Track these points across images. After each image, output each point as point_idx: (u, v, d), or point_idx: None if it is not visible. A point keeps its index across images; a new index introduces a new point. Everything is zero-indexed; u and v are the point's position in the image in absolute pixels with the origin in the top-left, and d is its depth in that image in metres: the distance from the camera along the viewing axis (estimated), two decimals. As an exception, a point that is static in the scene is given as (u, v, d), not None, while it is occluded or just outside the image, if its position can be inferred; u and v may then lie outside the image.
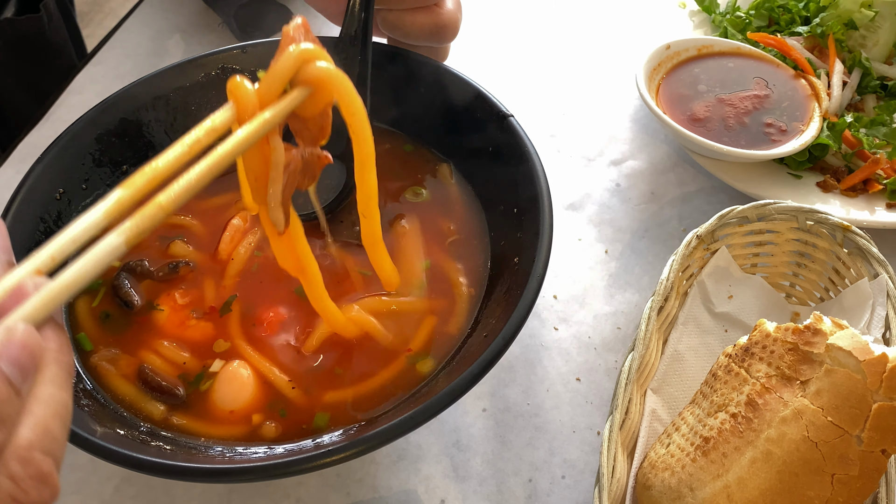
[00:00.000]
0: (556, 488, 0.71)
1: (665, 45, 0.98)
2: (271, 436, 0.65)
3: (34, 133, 1.01)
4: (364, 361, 0.68)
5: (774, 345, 0.60)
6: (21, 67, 1.13)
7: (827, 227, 0.74)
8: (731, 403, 0.60)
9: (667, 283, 0.71)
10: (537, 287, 0.64)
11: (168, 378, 0.67)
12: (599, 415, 0.76)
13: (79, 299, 0.72)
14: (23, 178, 0.73)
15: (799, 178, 0.91)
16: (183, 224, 0.78)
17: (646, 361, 0.68)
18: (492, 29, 1.15)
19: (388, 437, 0.56)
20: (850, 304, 0.72)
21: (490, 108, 0.77)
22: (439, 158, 0.83)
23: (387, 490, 0.71)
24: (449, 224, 0.77)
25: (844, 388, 0.55)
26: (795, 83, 0.95)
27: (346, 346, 0.69)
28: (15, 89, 1.12)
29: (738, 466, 0.57)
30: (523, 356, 0.80)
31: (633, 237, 0.90)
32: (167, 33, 1.15)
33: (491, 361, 0.60)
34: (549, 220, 0.68)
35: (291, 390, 0.67)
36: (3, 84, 1.11)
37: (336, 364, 0.68)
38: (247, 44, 0.85)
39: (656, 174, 0.97)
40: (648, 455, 0.64)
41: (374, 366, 0.68)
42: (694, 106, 0.94)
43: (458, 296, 0.72)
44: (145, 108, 0.81)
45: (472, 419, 0.75)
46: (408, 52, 0.82)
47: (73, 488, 0.70)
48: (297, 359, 0.69)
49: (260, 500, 0.70)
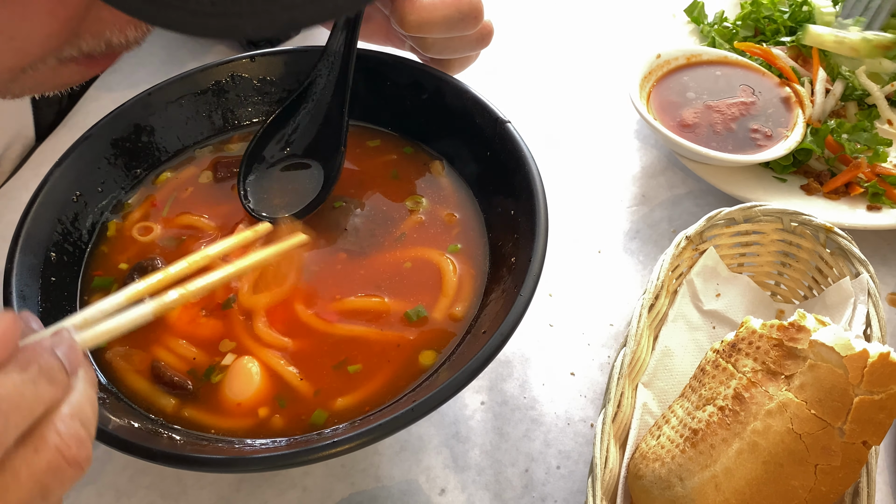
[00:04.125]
0: (552, 478, 0.71)
1: (656, 55, 0.98)
2: (279, 427, 0.64)
3: (52, 138, 1.01)
4: (367, 357, 0.68)
5: (760, 341, 0.60)
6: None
7: (810, 228, 0.74)
8: (718, 397, 0.60)
9: (657, 281, 0.71)
10: (534, 285, 0.64)
11: (179, 373, 0.67)
12: (593, 408, 0.76)
13: (93, 296, 0.72)
14: (41, 181, 0.73)
15: (784, 182, 0.91)
16: (196, 225, 0.78)
17: (637, 357, 0.68)
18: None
19: (391, 428, 0.56)
20: (832, 301, 0.72)
21: (488, 114, 0.77)
22: (438, 160, 0.83)
23: (389, 480, 0.71)
24: (449, 225, 0.77)
25: (827, 383, 0.55)
26: (780, 91, 0.95)
27: (348, 343, 0.69)
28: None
29: (725, 457, 0.57)
30: (520, 352, 0.80)
31: (625, 238, 0.90)
32: (179, 43, 1.15)
33: (489, 357, 0.59)
34: (544, 222, 0.68)
35: (299, 382, 0.67)
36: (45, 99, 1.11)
37: (341, 359, 0.68)
38: (255, 53, 0.85)
39: (647, 178, 0.97)
40: (640, 446, 0.64)
41: (377, 361, 0.68)
42: (683, 112, 0.94)
43: (459, 295, 0.72)
44: (158, 114, 0.82)
45: (471, 412, 0.75)
46: (411, 61, 0.82)
47: (90, 478, 0.70)
48: (302, 353, 0.69)
49: (268, 490, 0.70)
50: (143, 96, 0.81)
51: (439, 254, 0.74)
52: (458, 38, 0.76)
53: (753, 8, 1.07)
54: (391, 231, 0.76)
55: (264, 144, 0.81)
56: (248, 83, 0.85)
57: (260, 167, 0.80)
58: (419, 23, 0.72)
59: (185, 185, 0.81)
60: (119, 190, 0.80)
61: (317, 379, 0.67)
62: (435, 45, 0.77)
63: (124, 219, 0.78)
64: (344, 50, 0.78)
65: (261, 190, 0.78)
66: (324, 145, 0.79)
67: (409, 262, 0.74)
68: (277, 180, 0.79)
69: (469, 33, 0.75)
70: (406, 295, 0.72)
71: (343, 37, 0.78)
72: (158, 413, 0.65)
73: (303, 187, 0.78)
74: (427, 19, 0.72)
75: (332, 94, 0.79)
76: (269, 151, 0.80)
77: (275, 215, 0.76)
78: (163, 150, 0.83)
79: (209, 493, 0.70)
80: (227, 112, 0.85)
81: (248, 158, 0.79)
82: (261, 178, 0.79)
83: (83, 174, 0.76)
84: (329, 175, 0.78)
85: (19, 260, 0.67)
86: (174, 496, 0.69)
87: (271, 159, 0.80)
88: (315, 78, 0.80)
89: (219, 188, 0.81)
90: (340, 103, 0.78)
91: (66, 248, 0.73)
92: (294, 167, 0.80)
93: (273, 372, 0.67)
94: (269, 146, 0.81)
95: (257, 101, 0.86)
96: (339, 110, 0.78)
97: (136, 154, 0.81)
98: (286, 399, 0.66)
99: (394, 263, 0.74)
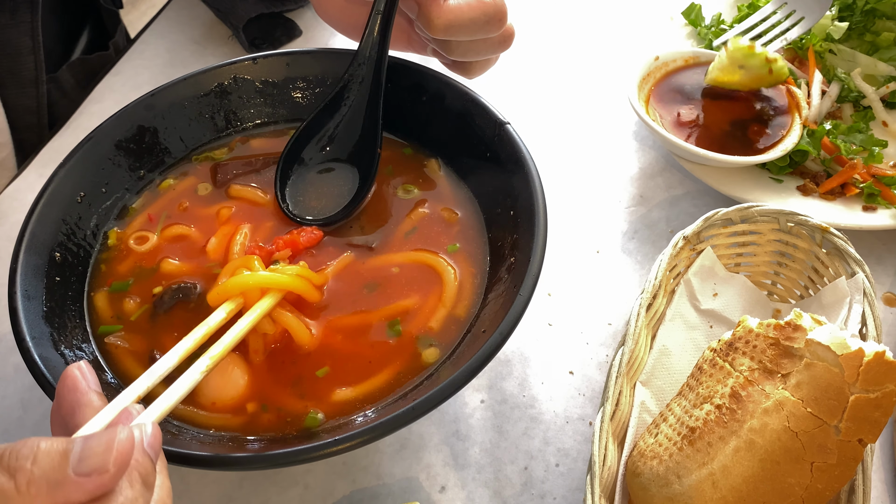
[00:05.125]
0: (551, 476, 0.71)
1: (654, 57, 0.98)
2: (280, 426, 0.64)
3: (56, 139, 1.01)
4: (370, 353, 0.68)
5: (757, 340, 0.60)
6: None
7: (806, 228, 0.75)
8: (715, 395, 0.60)
9: (655, 281, 0.71)
10: (533, 285, 0.64)
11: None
12: (591, 406, 0.76)
13: (98, 291, 0.72)
14: (46, 181, 0.73)
15: (780, 183, 0.91)
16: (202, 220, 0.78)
17: (635, 356, 0.68)
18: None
19: (392, 426, 0.56)
20: (828, 301, 0.72)
21: (488, 115, 0.77)
22: (438, 160, 0.83)
23: (390, 477, 0.71)
24: (449, 226, 0.77)
25: (823, 381, 0.55)
26: (777, 93, 0.95)
27: (350, 341, 0.69)
28: None
29: (722, 455, 0.57)
30: (519, 350, 0.80)
31: (623, 238, 0.90)
32: (182, 45, 1.15)
33: (489, 355, 0.60)
34: (543, 222, 0.68)
35: (303, 379, 0.67)
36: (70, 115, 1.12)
37: (343, 356, 0.68)
38: (257, 55, 0.85)
39: (645, 178, 0.97)
40: (637, 444, 0.64)
41: (380, 358, 0.68)
42: (681, 114, 0.94)
43: (459, 294, 0.72)
44: (161, 115, 0.82)
45: (470, 410, 0.75)
46: (412, 63, 0.82)
47: (93, 476, 0.70)
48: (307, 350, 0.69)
49: (270, 487, 0.70)
50: (146, 98, 0.81)
51: (437, 257, 0.74)
52: (481, 41, 0.76)
53: (750, 11, 1.07)
54: (392, 230, 0.77)
55: (299, 148, 0.81)
56: (251, 85, 0.85)
57: (298, 170, 0.80)
58: (446, 26, 0.72)
59: (185, 196, 0.81)
60: (123, 191, 0.80)
61: (320, 375, 0.67)
62: (459, 48, 0.77)
63: (126, 226, 0.78)
64: (377, 54, 0.78)
65: (297, 193, 0.79)
66: (359, 148, 0.80)
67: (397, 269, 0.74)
68: (312, 183, 0.80)
69: (493, 35, 0.76)
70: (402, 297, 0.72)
71: (375, 40, 0.78)
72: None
73: (338, 190, 0.79)
74: (454, 22, 0.72)
75: (367, 98, 0.79)
76: (308, 153, 0.81)
77: (315, 217, 0.77)
78: (166, 151, 0.83)
79: (212, 491, 0.70)
80: (230, 113, 0.86)
81: (284, 162, 0.80)
82: (296, 182, 0.80)
83: (87, 175, 0.76)
84: (366, 176, 0.78)
85: (24, 260, 0.67)
86: (177, 493, 0.69)
87: (310, 162, 0.81)
88: (348, 81, 0.80)
89: (219, 193, 0.81)
90: (375, 107, 0.79)
91: (70, 249, 0.73)
92: (328, 170, 0.81)
93: (273, 368, 0.67)
94: (306, 149, 0.81)
95: (259, 102, 0.86)
96: (373, 114, 0.79)
97: (140, 155, 0.81)
98: (292, 395, 0.66)
99: (393, 264, 0.74)
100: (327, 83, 0.86)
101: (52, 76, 1.09)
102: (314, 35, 1.15)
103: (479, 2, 0.72)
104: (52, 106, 1.09)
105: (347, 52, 0.83)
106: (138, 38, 1.17)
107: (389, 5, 0.76)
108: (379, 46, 0.78)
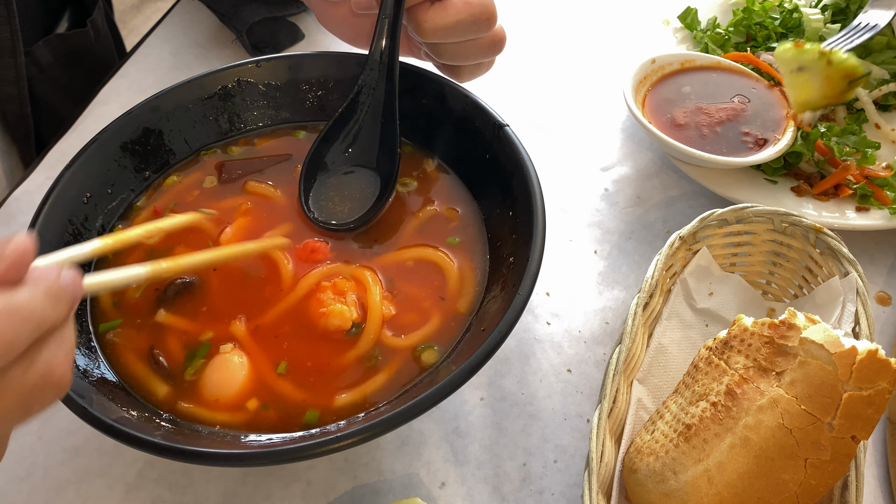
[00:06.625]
0: (549, 472, 0.71)
1: (650, 60, 0.98)
2: (283, 422, 0.65)
3: (63, 141, 1.01)
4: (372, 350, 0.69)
5: (752, 338, 0.60)
6: (71, 80, 1.13)
7: (801, 228, 0.75)
8: (711, 393, 0.60)
9: (652, 280, 0.71)
10: (532, 284, 0.64)
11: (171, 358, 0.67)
12: (589, 403, 0.76)
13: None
14: (52, 183, 0.73)
15: (775, 184, 0.92)
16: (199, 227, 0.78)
17: (632, 354, 0.68)
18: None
19: (393, 423, 0.56)
20: (822, 300, 0.72)
21: (488, 118, 0.77)
22: (438, 161, 0.83)
23: (391, 473, 0.71)
24: (448, 226, 0.77)
25: (817, 379, 0.55)
26: (772, 95, 0.96)
27: (352, 337, 0.69)
28: (64, 100, 1.12)
29: (717, 451, 0.57)
30: (518, 349, 0.80)
31: (620, 238, 0.91)
32: (186, 48, 1.15)
33: (489, 354, 0.60)
34: (542, 223, 0.68)
35: (305, 377, 0.67)
36: (52, 96, 1.11)
37: (345, 355, 0.68)
38: (260, 58, 0.85)
39: (642, 180, 0.97)
40: (634, 441, 0.65)
41: (382, 356, 0.68)
42: (677, 116, 0.94)
43: (459, 294, 0.72)
44: (166, 118, 0.82)
45: (470, 407, 0.75)
46: (416, 68, 0.82)
47: (100, 471, 0.70)
48: (309, 350, 0.69)
49: (273, 483, 0.70)
50: (151, 100, 0.81)
51: (436, 251, 0.75)
52: (470, 44, 0.76)
53: (745, 15, 1.08)
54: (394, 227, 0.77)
55: (321, 154, 0.80)
56: (254, 88, 0.85)
57: (320, 176, 0.80)
58: (434, 28, 0.73)
59: (190, 189, 0.81)
60: (128, 192, 0.80)
61: (323, 373, 0.67)
62: (448, 51, 0.77)
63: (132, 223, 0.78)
64: (388, 58, 0.78)
65: (320, 198, 0.79)
66: (379, 151, 0.80)
67: (411, 262, 0.74)
68: (334, 188, 0.79)
69: (482, 37, 0.76)
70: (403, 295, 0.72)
71: (385, 45, 0.78)
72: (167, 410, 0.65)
73: (360, 193, 0.79)
74: (441, 24, 0.73)
75: (382, 102, 0.79)
76: (330, 158, 0.80)
77: (339, 222, 0.77)
78: (171, 152, 0.83)
79: (216, 487, 0.70)
80: (234, 116, 0.86)
81: (307, 168, 0.79)
82: (319, 187, 0.79)
83: (93, 176, 0.76)
84: (388, 179, 0.78)
85: (31, 260, 0.67)
86: (182, 489, 0.70)
87: (332, 166, 0.80)
88: (362, 87, 0.80)
89: (223, 190, 0.81)
90: (391, 110, 0.79)
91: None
92: (347, 174, 0.81)
93: (274, 367, 0.67)
94: (328, 154, 0.80)
95: (262, 105, 0.86)
96: (390, 117, 0.79)
97: (145, 157, 0.81)
98: (295, 392, 0.66)
99: (396, 262, 0.74)
100: (330, 86, 0.86)
101: (28, 51, 1.06)
102: (316, 39, 1.15)
103: (465, 3, 0.73)
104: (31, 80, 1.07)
105: (350, 56, 0.83)
106: (143, 42, 1.17)
107: (396, 10, 0.76)
108: (389, 51, 0.78)
